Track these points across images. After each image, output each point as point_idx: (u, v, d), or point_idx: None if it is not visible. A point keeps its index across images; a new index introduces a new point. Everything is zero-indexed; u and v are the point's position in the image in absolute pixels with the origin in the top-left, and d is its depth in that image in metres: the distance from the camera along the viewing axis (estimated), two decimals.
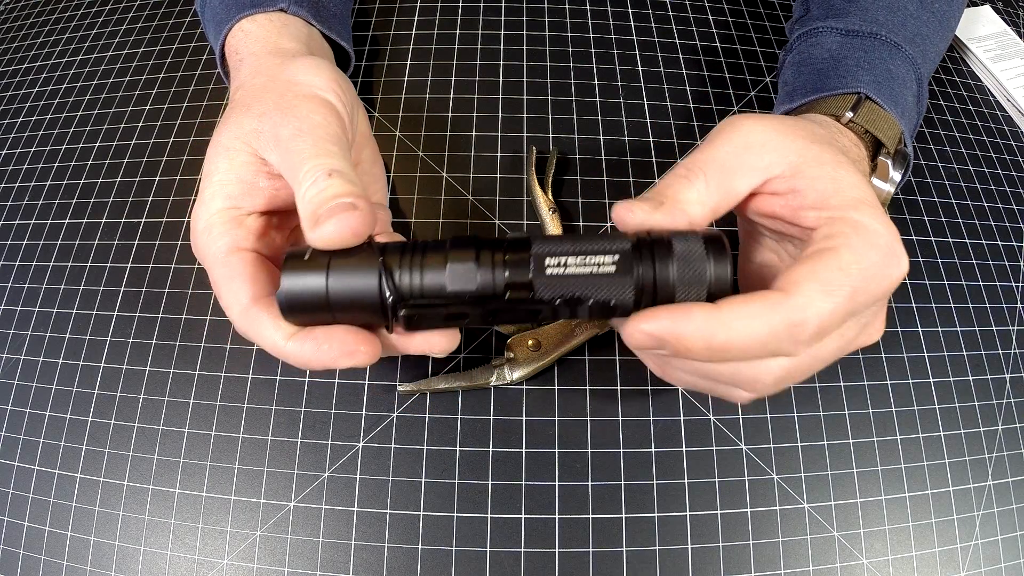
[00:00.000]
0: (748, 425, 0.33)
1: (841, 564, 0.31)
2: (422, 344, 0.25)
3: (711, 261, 0.22)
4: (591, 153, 0.41)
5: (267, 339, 0.23)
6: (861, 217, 0.23)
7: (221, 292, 0.24)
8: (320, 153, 0.24)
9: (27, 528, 0.32)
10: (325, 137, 0.24)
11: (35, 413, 0.34)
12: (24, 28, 0.51)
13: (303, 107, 0.25)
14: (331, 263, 0.22)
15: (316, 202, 0.23)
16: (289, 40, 0.32)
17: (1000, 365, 0.36)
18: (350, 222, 0.22)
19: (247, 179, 0.26)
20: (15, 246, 0.39)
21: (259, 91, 0.27)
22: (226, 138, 0.26)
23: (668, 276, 0.22)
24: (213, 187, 0.25)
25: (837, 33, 0.35)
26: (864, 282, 0.21)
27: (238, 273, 0.24)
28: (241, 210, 0.25)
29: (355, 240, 0.22)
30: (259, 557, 0.31)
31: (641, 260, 0.22)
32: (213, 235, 0.25)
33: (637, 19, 0.48)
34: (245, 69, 0.31)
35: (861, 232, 0.22)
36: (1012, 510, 0.33)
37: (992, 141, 0.45)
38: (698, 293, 0.22)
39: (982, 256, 0.39)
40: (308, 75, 0.27)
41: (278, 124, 0.25)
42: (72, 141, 0.43)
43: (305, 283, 0.22)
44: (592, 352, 0.35)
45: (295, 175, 0.24)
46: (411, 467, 0.32)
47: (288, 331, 0.23)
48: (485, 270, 0.22)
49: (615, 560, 0.30)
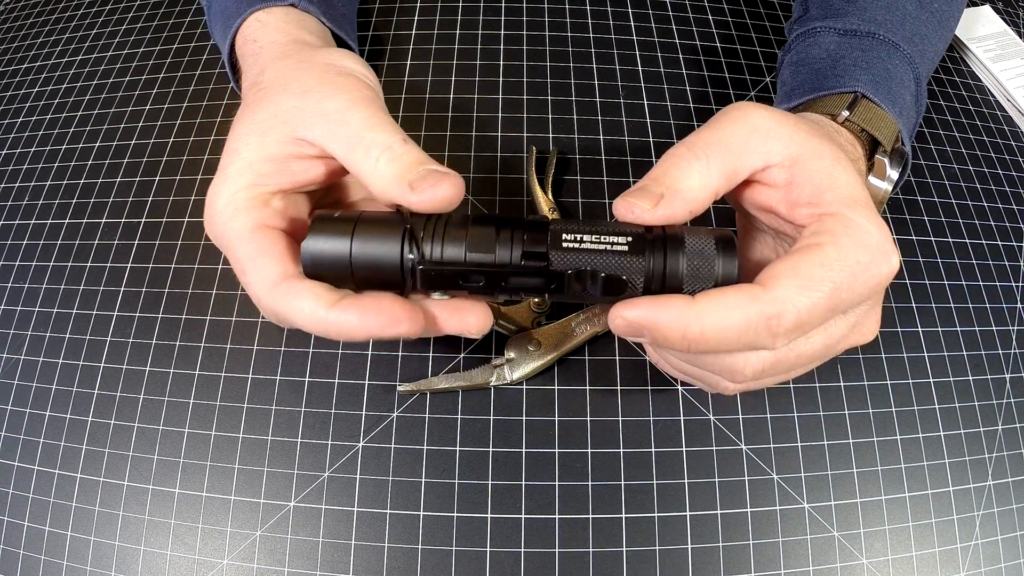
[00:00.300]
0: (748, 425, 0.33)
1: (841, 564, 0.31)
2: (457, 323, 0.25)
3: (720, 258, 0.22)
4: (591, 153, 0.41)
5: (305, 311, 0.23)
6: (852, 215, 0.23)
7: (246, 268, 0.24)
8: (380, 122, 0.24)
9: (27, 528, 0.32)
10: (380, 109, 0.25)
11: (35, 413, 0.34)
12: (24, 28, 0.51)
13: (349, 82, 0.26)
14: (357, 225, 0.23)
15: (403, 166, 0.23)
16: (309, 34, 0.33)
17: (1000, 365, 0.36)
18: (452, 187, 0.23)
19: (278, 157, 0.25)
20: (15, 246, 0.39)
21: (294, 71, 0.27)
22: (261, 116, 0.26)
23: (678, 268, 0.22)
24: (240, 163, 0.25)
25: (835, 33, 0.35)
26: (849, 279, 0.21)
27: (266, 249, 0.24)
28: (268, 187, 0.25)
29: (453, 206, 0.23)
30: (259, 557, 0.31)
31: (653, 248, 0.23)
32: (237, 212, 0.24)
33: (637, 19, 0.48)
34: (267, 54, 0.31)
35: (851, 230, 0.22)
36: (1012, 510, 0.33)
37: (992, 141, 0.45)
38: (704, 288, 0.22)
39: (982, 256, 0.39)
40: (344, 60, 0.28)
41: (324, 98, 0.25)
42: (72, 141, 0.43)
43: (331, 243, 0.23)
44: (592, 352, 0.35)
45: (354, 144, 0.24)
46: (411, 467, 0.32)
47: (331, 299, 0.23)
48: (504, 243, 0.23)
49: (615, 560, 0.30)
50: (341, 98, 0.25)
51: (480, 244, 0.23)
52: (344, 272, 0.23)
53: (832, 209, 0.23)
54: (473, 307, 0.25)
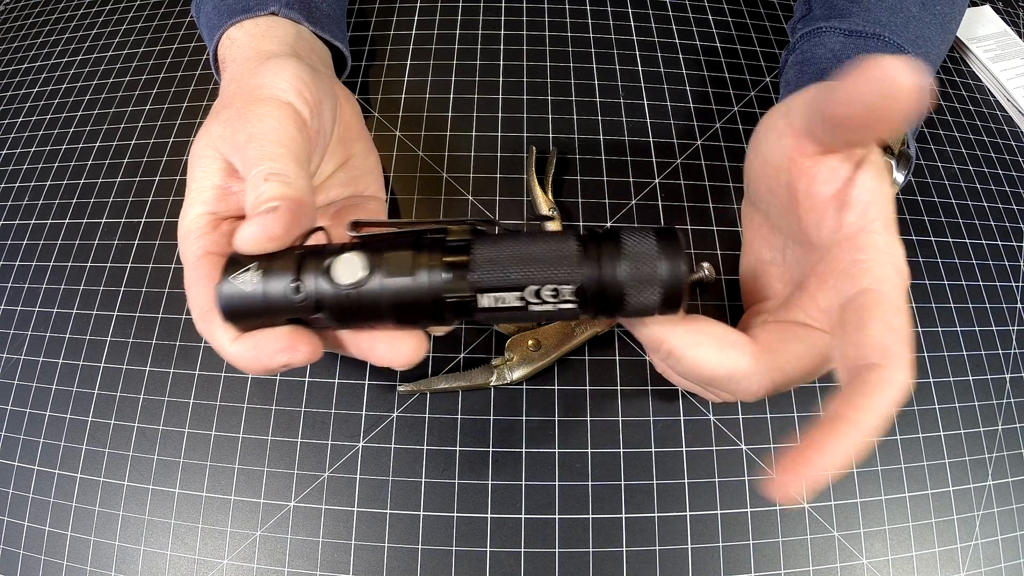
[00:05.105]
0: (748, 425, 0.33)
1: (841, 564, 0.31)
2: (384, 352, 0.24)
3: (663, 259, 0.21)
4: (591, 153, 0.41)
5: (217, 342, 0.23)
6: (881, 271, 0.23)
7: (188, 293, 0.24)
8: (265, 157, 0.24)
9: (27, 528, 0.32)
10: (275, 141, 0.25)
11: (35, 413, 0.34)
12: (24, 28, 0.51)
13: (259, 111, 0.25)
14: (259, 265, 0.22)
15: (252, 207, 0.23)
16: (271, 43, 0.33)
17: (1000, 365, 0.36)
18: (264, 226, 0.22)
19: (221, 185, 0.26)
20: (15, 246, 0.39)
21: (229, 98, 0.27)
22: (198, 146, 0.26)
23: (618, 276, 0.21)
24: (192, 194, 0.26)
25: (840, 33, 0.35)
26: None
27: (202, 276, 0.24)
28: (217, 215, 0.26)
29: (270, 244, 0.22)
30: (259, 557, 0.31)
31: (586, 260, 0.21)
32: (190, 240, 0.25)
33: (637, 19, 0.48)
34: (226, 77, 0.31)
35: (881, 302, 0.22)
36: (1012, 510, 0.33)
37: (992, 141, 0.45)
38: (651, 293, 0.21)
39: (982, 256, 0.39)
40: (270, 77, 0.27)
41: (237, 130, 0.25)
42: (72, 141, 0.43)
43: (237, 287, 0.22)
44: (592, 352, 0.35)
45: (247, 176, 0.24)
46: (411, 467, 0.32)
47: (232, 335, 0.23)
48: (420, 272, 0.22)
49: (615, 560, 0.30)
50: (246, 131, 0.25)
51: (396, 270, 0.21)
52: (264, 320, 0.23)
53: (863, 244, 0.23)
54: (402, 336, 0.24)
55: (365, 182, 0.33)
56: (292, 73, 0.27)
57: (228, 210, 0.26)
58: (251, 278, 0.22)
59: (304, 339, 0.23)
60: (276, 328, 0.23)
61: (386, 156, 0.40)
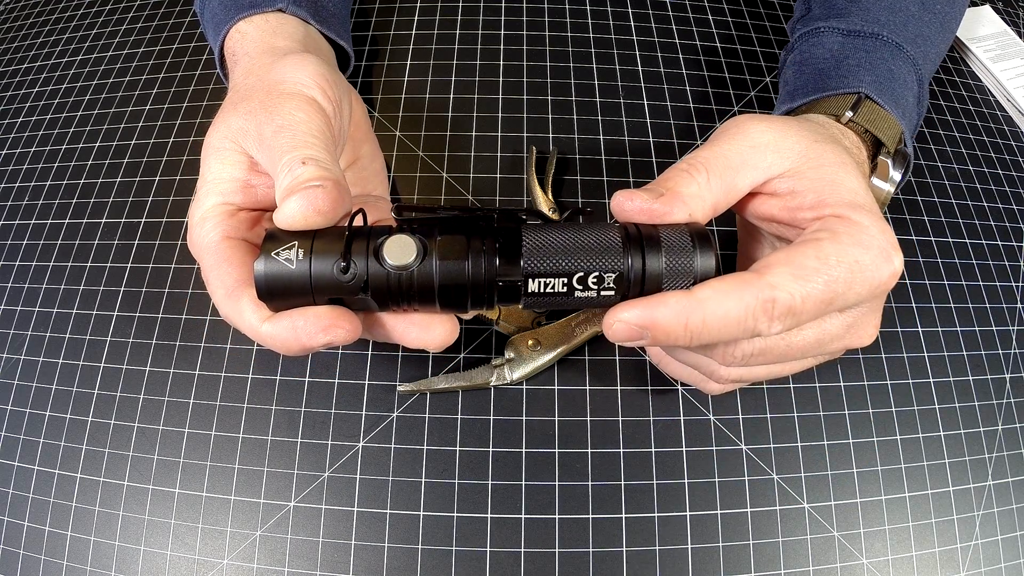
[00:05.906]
0: (748, 425, 0.33)
1: (841, 564, 0.31)
2: (418, 335, 0.24)
3: (698, 253, 0.22)
4: (591, 153, 0.41)
5: (246, 322, 0.23)
6: (855, 216, 0.23)
7: (209, 277, 0.24)
8: (299, 144, 0.24)
9: (27, 528, 0.32)
10: (306, 132, 0.25)
11: (35, 413, 0.34)
12: (24, 28, 0.51)
13: (287, 105, 0.25)
14: (299, 243, 0.22)
15: (289, 188, 0.23)
16: (283, 39, 0.33)
17: (1000, 365, 0.36)
18: (313, 199, 0.22)
19: (239, 177, 0.26)
20: (15, 246, 0.39)
21: (248, 91, 0.27)
22: (215, 139, 0.26)
23: (657, 266, 0.22)
24: (207, 186, 0.26)
25: (839, 33, 0.35)
26: (846, 275, 0.22)
27: (226, 258, 0.24)
28: (234, 206, 0.26)
29: (318, 218, 0.22)
30: (259, 557, 0.31)
31: (629, 248, 0.22)
32: (207, 227, 0.25)
33: (637, 19, 0.48)
34: (239, 70, 0.31)
35: (852, 229, 0.22)
36: (1012, 510, 0.33)
37: (992, 141, 0.45)
38: (684, 284, 0.22)
39: (982, 256, 0.39)
40: (294, 72, 0.27)
41: (262, 123, 0.25)
42: (72, 141, 0.43)
43: (279, 264, 0.22)
44: (592, 352, 0.35)
45: (275, 169, 0.24)
46: (411, 467, 0.32)
47: (263, 314, 0.23)
48: (475, 258, 0.22)
49: (615, 560, 0.30)
50: (274, 123, 0.25)
51: (450, 255, 0.22)
52: (299, 298, 0.23)
53: (835, 211, 0.23)
54: (437, 319, 0.24)
55: (372, 183, 0.33)
56: (314, 70, 0.27)
57: (246, 202, 0.26)
58: (293, 255, 0.22)
59: (346, 318, 0.23)
60: (316, 307, 0.22)
61: (386, 156, 0.40)
